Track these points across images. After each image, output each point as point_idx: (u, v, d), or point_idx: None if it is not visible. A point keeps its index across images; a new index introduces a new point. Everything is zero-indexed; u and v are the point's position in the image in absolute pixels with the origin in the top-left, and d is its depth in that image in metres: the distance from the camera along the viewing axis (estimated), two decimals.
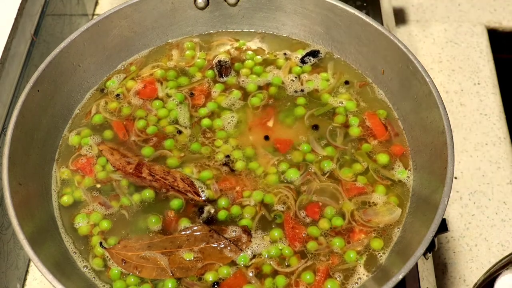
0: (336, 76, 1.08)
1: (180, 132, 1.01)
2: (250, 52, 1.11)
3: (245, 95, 1.06)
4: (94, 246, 0.91)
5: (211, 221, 0.92)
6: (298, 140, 1.00)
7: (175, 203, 0.93)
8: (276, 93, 1.06)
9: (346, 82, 1.07)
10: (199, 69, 1.10)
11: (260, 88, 1.07)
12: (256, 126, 1.02)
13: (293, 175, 0.96)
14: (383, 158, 0.98)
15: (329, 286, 0.87)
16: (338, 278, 0.88)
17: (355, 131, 1.01)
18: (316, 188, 0.95)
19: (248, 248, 0.90)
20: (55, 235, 0.92)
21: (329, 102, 1.05)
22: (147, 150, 0.99)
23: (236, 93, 1.06)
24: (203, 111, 1.04)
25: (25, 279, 1.13)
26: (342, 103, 1.04)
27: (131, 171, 0.96)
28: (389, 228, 0.92)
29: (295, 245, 0.90)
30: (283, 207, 0.94)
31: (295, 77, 1.08)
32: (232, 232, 0.91)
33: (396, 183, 0.96)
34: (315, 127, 1.01)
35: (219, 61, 1.10)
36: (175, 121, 1.03)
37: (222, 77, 1.09)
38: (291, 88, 1.07)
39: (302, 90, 1.07)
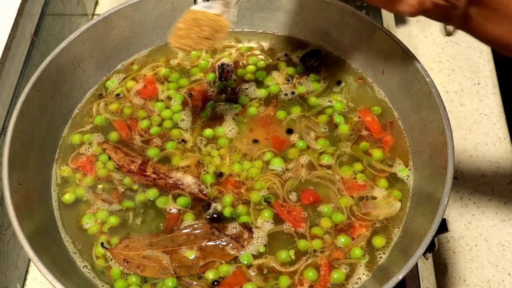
0: (335, 78, 1.08)
1: (183, 141, 1.01)
2: (253, 57, 1.11)
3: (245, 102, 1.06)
4: (97, 246, 0.90)
5: (217, 218, 0.92)
6: (293, 139, 1.01)
7: (181, 200, 0.93)
8: (276, 98, 1.06)
9: (338, 82, 1.07)
10: (201, 70, 1.10)
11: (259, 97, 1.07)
12: (256, 130, 1.02)
13: (277, 164, 0.97)
14: (378, 154, 0.99)
15: (335, 276, 0.87)
16: (344, 270, 0.88)
17: (344, 128, 1.02)
18: (309, 176, 0.96)
19: (249, 245, 0.90)
20: (55, 235, 0.92)
21: (323, 103, 1.05)
22: (152, 151, 0.99)
23: (236, 107, 1.05)
24: (204, 114, 1.04)
25: (25, 279, 1.13)
26: (333, 102, 1.05)
27: (135, 169, 0.96)
28: (389, 227, 0.92)
29: (301, 226, 0.91)
30: (268, 191, 0.94)
31: (288, 80, 1.08)
32: (233, 229, 0.91)
33: (396, 177, 0.97)
34: (289, 131, 1.01)
35: (222, 64, 1.10)
36: (176, 124, 1.03)
37: (222, 81, 1.08)
38: (289, 91, 1.07)
39: (292, 93, 1.06)
